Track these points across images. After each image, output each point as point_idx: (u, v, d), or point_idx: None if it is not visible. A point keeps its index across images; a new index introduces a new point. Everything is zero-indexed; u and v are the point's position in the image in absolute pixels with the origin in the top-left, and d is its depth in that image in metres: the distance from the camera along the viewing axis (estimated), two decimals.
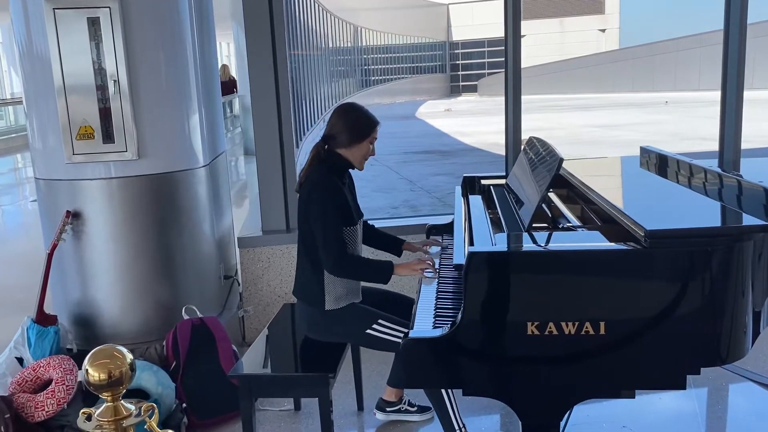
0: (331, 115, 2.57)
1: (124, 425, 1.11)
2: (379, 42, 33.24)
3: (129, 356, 1.13)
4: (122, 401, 1.14)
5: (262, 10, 3.68)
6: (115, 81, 3.07)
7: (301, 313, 2.67)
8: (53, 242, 3.13)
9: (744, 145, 4.29)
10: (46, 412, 2.71)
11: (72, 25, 3.01)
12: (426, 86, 40.20)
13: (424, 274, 2.46)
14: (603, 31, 42.29)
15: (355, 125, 2.53)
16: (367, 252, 2.81)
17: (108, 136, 3.12)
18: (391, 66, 35.25)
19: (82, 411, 1.13)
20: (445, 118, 22.24)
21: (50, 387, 2.76)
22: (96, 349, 1.13)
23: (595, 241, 1.88)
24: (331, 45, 21.29)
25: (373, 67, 32.32)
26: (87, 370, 1.11)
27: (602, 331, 1.73)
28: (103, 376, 1.10)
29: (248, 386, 2.39)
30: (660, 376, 1.78)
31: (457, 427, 2.50)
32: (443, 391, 2.46)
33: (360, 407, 3.09)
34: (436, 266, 2.49)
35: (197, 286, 3.45)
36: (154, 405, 1.15)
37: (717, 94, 4.26)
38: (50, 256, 3.16)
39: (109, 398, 1.12)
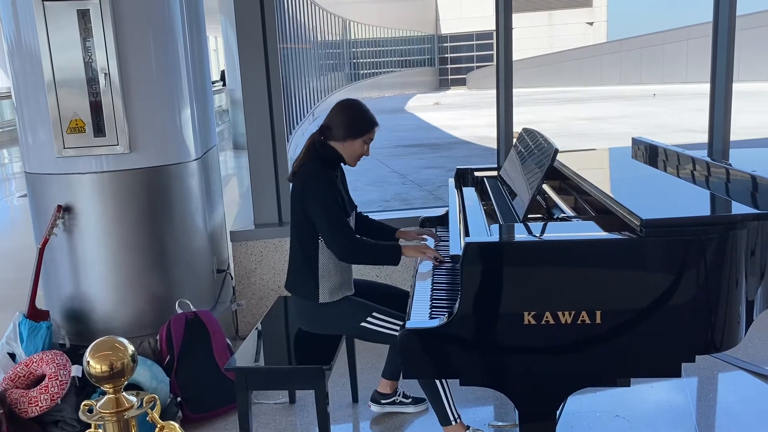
0: (333, 107, 2.56)
1: (125, 417, 1.11)
2: (367, 35, 33.17)
3: (130, 348, 1.13)
4: (124, 393, 1.14)
5: (253, 3, 3.66)
6: (105, 74, 3.04)
7: (295, 308, 2.66)
8: (44, 237, 3.10)
9: (731, 137, 4.31)
10: (40, 407, 2.70)
11: (61, 18, 2.98)
12: (415, 80, 40.18)
13: (428, 258, 2.47)
14: (591, 24, 42.41)
15: (352, 122, 2.52)
16: None
17: (99, 130, 3.10)
18: (380, 60, 35.18)
19: (83, 403, 1.13)
20: (434, 111, 22.24)
21: (43, 382, 2.74)
22: (97, 340, 1.12)
23: (591, 231, 1.89)
24: (319, 39, 21.20)
25: (362, 60, 32.24)
26: (88, 361, 1.10)
27: (598, 320, 1.74)
28: (104, 368, 1.09)
29: (245, 379, 2.39)
30: (656, 364, 1.80)
31: (452, 418, 2.51)
32: (438, 381, 2.47)
33: (355, 399, 3.09)
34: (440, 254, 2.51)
35: (190, 280, 3.44)
36: (156, 396, 1.15)
37: (704, 87, 4.28)
38: (41, 250, 3.13)
39: (110, 390, 1.11)
